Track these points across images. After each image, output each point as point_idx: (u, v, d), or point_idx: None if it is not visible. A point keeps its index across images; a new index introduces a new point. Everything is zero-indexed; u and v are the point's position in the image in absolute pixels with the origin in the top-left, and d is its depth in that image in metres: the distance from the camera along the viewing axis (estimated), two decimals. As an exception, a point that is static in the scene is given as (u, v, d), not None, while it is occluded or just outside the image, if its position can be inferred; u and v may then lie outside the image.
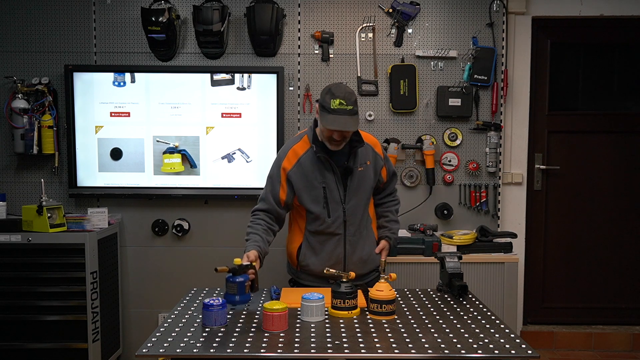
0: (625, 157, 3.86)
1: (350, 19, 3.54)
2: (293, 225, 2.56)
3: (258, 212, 2.46)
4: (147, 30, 3.34)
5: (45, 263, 3.19)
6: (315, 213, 2.40)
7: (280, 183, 2.41)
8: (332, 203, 2.39)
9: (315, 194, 2.38)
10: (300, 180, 2.38)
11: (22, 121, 3.36)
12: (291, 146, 2.44)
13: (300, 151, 2.41)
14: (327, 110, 2.22)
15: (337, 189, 2.39)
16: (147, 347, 1.77)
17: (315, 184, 2.37)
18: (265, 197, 2.46)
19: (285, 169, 2.40)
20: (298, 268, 2.54)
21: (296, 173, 2.38)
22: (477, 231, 3.44)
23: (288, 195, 2.42)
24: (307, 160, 2.38)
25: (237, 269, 2.17)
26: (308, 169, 2.38)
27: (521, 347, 1.79)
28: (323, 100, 2.25)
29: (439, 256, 2.50)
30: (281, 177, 2.40)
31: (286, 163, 2.40)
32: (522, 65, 3.66)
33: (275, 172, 2.43)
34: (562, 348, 3.83)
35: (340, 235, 2.44)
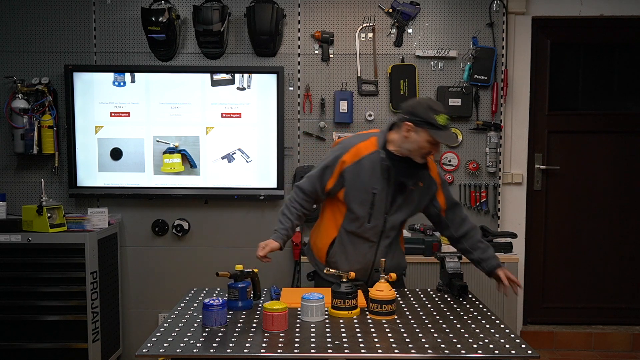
0: (625, 157, 3.86)
1: (350, 19, 3.54)
2: (327, 218, 2.50)
3: (299, 191, 2.43)
4: (147, 30, 3.34)
5: (45, 263, 3.18)
6: (356, 214, 2.37)
7: (332, 173, 2.37)
8: (376, 210, 2.36)
9: (364, 197, 2.35)
10: (354, 178, 2.35)
11: (22, 121, 3.36)
12: (356, 143, 2.39)
13: (365, 151, 2.36)
14: (436, 126, 2.21)
15: (385, 200, 2.37)
16: (147, 347, 1.77)
17: (367, 188, 2.34)
18: (313, 179, 2.41)
19: (344, 162, 2.36)
20: (324, 262, 2.49)
21: (353, 171, 2.35)
22: (477, 231, 3.44)
23: (335, 187, 2.38)
24: (368, 163, 2.35)
25: (238, 275, 2.18)
26: (366, 171, 2.34)
27: (521, 347, 1.79)
28: (426, 117, 2.22)
29: (439, 256, 2.50)
30: (336, 168, 2.36)
31: (347, 157, 2.36)
32: (522, 65, 3.66)
33: (332, 161, 2.38)
34: (562, 348, 3.83)
35: (374, 243, 2.42)
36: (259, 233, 3.59)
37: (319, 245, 2.51)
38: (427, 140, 2.23)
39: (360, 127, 3.56)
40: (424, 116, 2.22)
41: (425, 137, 2.23)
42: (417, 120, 2.23)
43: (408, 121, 2.25)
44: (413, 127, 2.24)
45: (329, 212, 2.49)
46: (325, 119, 3.56)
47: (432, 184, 2.45)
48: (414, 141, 2.26)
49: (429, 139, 2.23)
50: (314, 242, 2.55)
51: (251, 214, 3.60)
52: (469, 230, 2.48)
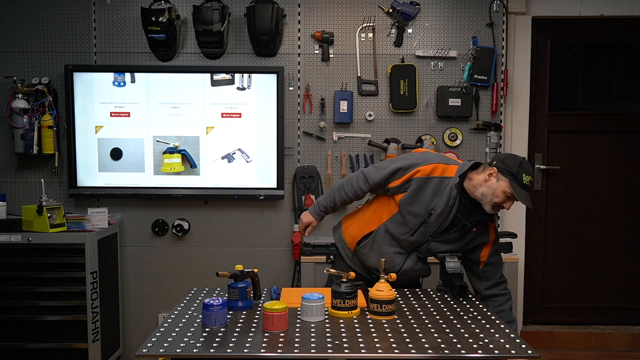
0: (625, 157, 3.87)
1: (350, 19, 3.54)
2: (373, 211, 2.50)
3: (363, 178, 2.43)
4: (147, 30, 3.34)
5: (45, 263, 3.18)
6: (406, 221, 2.37)
7: (402, 176, 2.36)
8: (424, 228, 2.37)
9: (421, 211, 2.35)
10: (420, 190, 2.34)
11: (22, 121, 3.36)
12: (437, 162, 2.38)
13: (442, 174, 2.36)
14: (519, 183, 2.25)
15: (438, 225, 2.37)
16: (147, 347, 1.77)
17: (427, 205, 2.34)
18: (383, 173, 2.40)
19: (418, 171, 2.35)
20: (353, 250, 2.51)
21: (422, 183, 2.34)
22: (477, 231, 3.43)
23: (397, 188, 2.38)
24: (437, 184, 2.34)
25: (238, 275, 2.18)
26: (431, 191, 2.34)
27: (521, 347, 1.79)
28: (514, 170, 2.26)
29: (439, 256, 2.50)
30: (408, 174, 2.35)
31: (423, 169, 2.35)
32: (522, 65, 3.66)
33: (408, 166, 2.37)
34: (562, 348, 3.83)
35: (405, 254, 2.45)
36: (259, 233, 3.59)
37: (354, 232, 2.53)
38: (504, 190, 2.27)
39: (360, 127, 3.56)
40: (512, 168, 2.26)
41: (505, 187, 2.26)
42: (504, 169, 2.27)
43: (495, 167, 2.28)
44: (496, 173, 2.28)
45: (376, 206, 2.51)
46: (325, 119, 3.56)
47: (485, 235, 2.45)
48: (491, 187, 2.29)
49: (506, 190, 2.26)
50: (350, 228, 2.57)
51: (251, 214, 3.61)
52: (499, 296, 2.46)
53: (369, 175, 2.43)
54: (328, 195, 2.52)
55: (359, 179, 2.45)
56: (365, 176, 2.44)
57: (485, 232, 2.45)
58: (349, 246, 2.55)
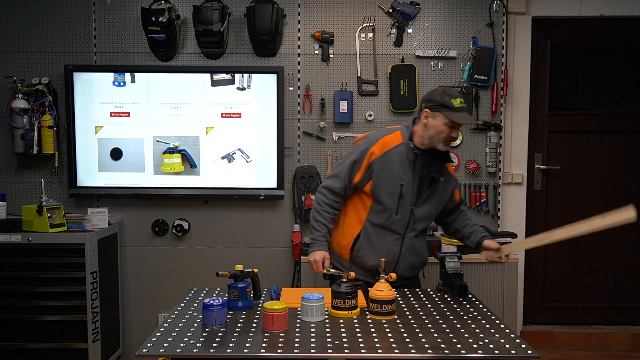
0: (625, 157, 3.86)
1: (350, 19, 3.54)
2: (350, 215, 2.51)
3: (329, 193, 2.45)
4: (147, 30, 3.34)
5: (45, 263, 3.18)
6: (385, 205, 2.40)
7: (361, 166, 2.41)
8: (403, 202, 2.41)
9: (392, 188, 2.40)
10: (382, 170, 2.39)
11: (22, 121, 3.36)
12: (383, 136, 2.45)
13: (391, 144, 2.43)
14: (452, 109, 2.32)
15: (412, 192, 2.42)
16: (147, 347, 1.77)
17: (396, 179, 2.40)
18: (342, 177, 2.44)
19: (373, 153, 2.40)
20: (348, 259, 2.50)
21: (381, 162, 2.40)
22: (477, 231, 3.43)
23: (362, 180, 2.42)
24: (395, 155, 2.41)
25: (238, 275, 2.18)
26: (394, 163, 2.40)
27: (521, 347, 1.79)
28: (442, 101, 2.33)
29: (439, 256, 2.50)
30: (364, 161, 2.41)
31: (375, 149, 2.41)
32: (522, 65, 3.66)
33: (360, 154, 2.42)
34: (562, 348, 3.83)
35: (400, 235, 2.45)
36: (259, 233, 3.59)
37: (342, 243, 2.51)
38: (444, 123, 2.33)
39: (360, 127, 3.56)
40: (439, 100, 2.34)
41: (442, 120, 2.33)
42: (433, 105, 2.35)
43: (425, 108, 2.36)
44: (430, 112, 2.36)
45: (351, 209, 2.51)
46: (325, 119, 3.56)
47: (451, 178, 2.56)
48: (432, 127, 2.35)
49: (446, 122, 2.33)
50: (336, 240, 2.55)
51: (251, 214, 3.61)
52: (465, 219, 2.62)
53: (332, 187, 2.45)
54: (315, 225, 2.47)
55: (325, 195, 2.46)
56: (329, 189, 2.46)
57: (450, 176, 2.55)
58: (343, 257, 2.52)
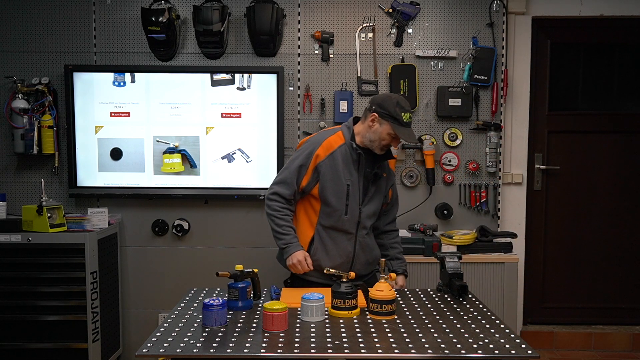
0: (625, 157, 3.86)
1: (350, 19, 3.54)
2: (301, 219, 2.53)
3: (280, 199, 2.45)
4: (147, 30, 3.34)
5: (45, 263, 3.18)
6: (333, 207, 2.43)
7: (307, 170, 2.43)
8: (351, 201, 2.44)
9: (339, 189, 2.42)
10: (329, 172, 2.42)
11: (22, 121, 3.36)
12: (326, 137, 2.47)
13: (335, 145, 2.45)
14: (399, 123, 2.37)
15: (359, 191, 2.46)
16: (147, 347, 1.77)
17: (342, 180, 2.42)
18: (289, 182, 2.45)
19: (318, 156, 2.42)
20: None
21: (327, 164, 2.42)
22: (477, 231, 3.44)
23: (309, 184, 2.44)
24: (339, 156, 2.43)
25: (238, 275, 2.18)
26: (338, 164, 2.42)
27: (521, 347, 1.79)
28: (394, 112, 2.36)
29: (439, 256, 2.51)
30: (310, 164, 2.42)
31: (320, 151, 2.43)
32: (522, 65, 3.66)
33: (305, 158, 2.44)
34: (562, 348, 3.83)
35: (352, 234, 2.48)
36: (258, 233, 3.59)
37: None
38: (388, 132, 2.38)
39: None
40: (391, 111, 2.37)
41: (388, 129, 2.38)
42: (383, 112, 2.38)
43: (374, 112, 2.39)
44: (378, 118, 2.40)
45: (302, 213, 2.53)
46: (325, 119, 3.56)
47: (392, 175, 2.62)
48: (376, 132, 2.40)
49: (390, 132, 2.38)
50: None
51: (251, 214, 3.61)
52: (394, 231, 2.70)
53: (282, 193, 2.45)
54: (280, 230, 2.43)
55: (278, 201, 2.44)
56: (280, 195, 2.45)
57: (390, 171, 2.60)
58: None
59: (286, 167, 2.50)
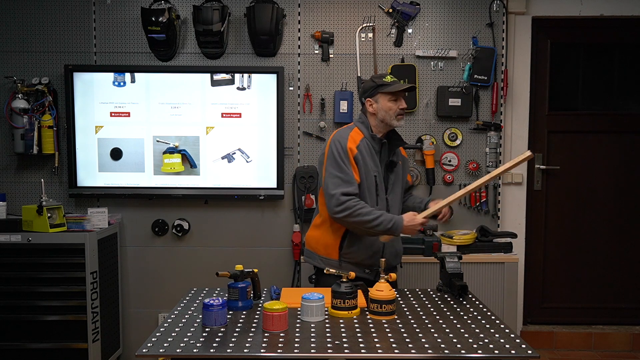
0: (625, 157, 3.86)
1: (350, 19, 3.54)
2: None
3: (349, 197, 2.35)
4: (147, 30, 3.34)
5: (45, 263, 3.18)
6: (366, 199, 2.43)
7: (352, 165, 2.41)
8: (380, 192, 2.48)
9: (370, 181, 2.45)
10: (362, 164, 2.44)
11: (22, 121, 3.36)
12: (349, 132, 2.49)
13: (357, 138, 2.47)
14: (386, 85, 2.45)
15: (383, 180, 2.50)
16: (147, 347, 1.77)
17: (371, 172, 2.45)
18: (348, 179, 2.38)
19: (351, 149, 2.42)
20: (338, 257, 2.48)
21: (360, 156, 2.44)
22: (477, 231, 3.44)
23: (360, 177, 2.42)
24: (363, 148, 2.46)
25: (238, 275, 2.18)
26: (365, 156, 2.45)
27: (521, 347, 1.79)
28: (375, 85, 2.45)
29: (439, 256, 2.50)
30: (350, 159, 2.41)
31: (351, 144, 2.43)
32: (522, 65, 3.66)
33: (344, 155, 2.40)
34: (562, 348, 3.83)
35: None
36: (259, 233, 3.59)
37: (329, 242, 2.50)
38: (388, 99, 2.44)
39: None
40: (372, 85, 2.47)
41: (385, 98, 2.45)
42: (370, 92, 2.47)
43: (367, 99, 2.50)
44: (371, 99, 2.48)
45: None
46: (325, 119, 3.56)
47: (405, 161, 2.68)
48: (380, 109, 2.46)
49: (389, 97, 2.45)
50: (322, 241, 2.52)
51: (251, 214, 3.60)
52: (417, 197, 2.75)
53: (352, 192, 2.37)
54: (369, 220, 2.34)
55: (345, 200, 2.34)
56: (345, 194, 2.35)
57: (404, 159, 2.67)
58: (331, 257, 2.50)
59: (332, 172, 2.40)
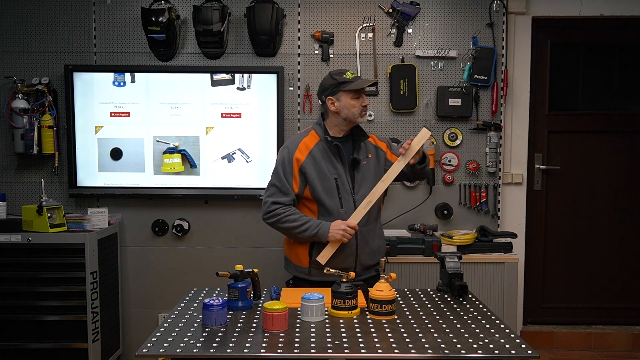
0: (625, 157, 3.86)
1: (350, 19, 3.54)
2: None
3: (278, 205, 2.43)
4: (147, 30, 3.34)
5: (45, 263, 3.18)
6: (328, 204, 2.43)
7: (292, 175, 2.44)
8: (343, 194, 2.45)
9: (328, 185, 2.44)
10: (313, 170, 2.43)
11: (22, 121, 3.36)
12: (300, 139, 2.50)
13: (311, 144, 2.48)
14: (347, 82, 2.42)
15: (347, 180, 2.47)
16: (147, 347, 1.77)
17: (328, 175, 2.44)
18: (283, 189, 2.44)
19: (298, 159, 2.44)
20: (308, 265, 2.51)
21: (309, 164, 2.44)
22: (477, 231, 3.44)
23: (300, 188, 2.45)
24: (318, 152, 2.46)
25: (238, 275, 2.18)
26: (320, 160, 2.44)
27: (521, 347, 1.79)
28: (337, 83, 2.42)
29: (439, 256, 2.50)
30: (294, 169, 2.44)
31: (299, 154, 2.45)
32: (522, 65, 3.66)
33: (287, 164, 2.45)
34: (562, 348, 3.83)
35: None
36: (259, 233, 3.59)
37: (298, 250, 2.54)
38: (351, 97, 2.41)
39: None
40: (332, 82, 2.43)
41: (346, 96, 2.42)
42: (330, 90, 2.44)
43: (327, 97, 2.43)
44: (333, 97, 2.45)
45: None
46: (325, 119, 3.56)
47: (379, 150, 2.60)
48: (343, 107, 2.44)
49: (351, 95, 2.42)
50: (292, 249, 2.57)
51: (251, 214, 3.60)
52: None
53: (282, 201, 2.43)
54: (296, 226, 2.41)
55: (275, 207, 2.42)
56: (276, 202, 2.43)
57: (376, 147, 2.59)
58: (302, 265, 2.53)
59: (272, 180, 2.49)
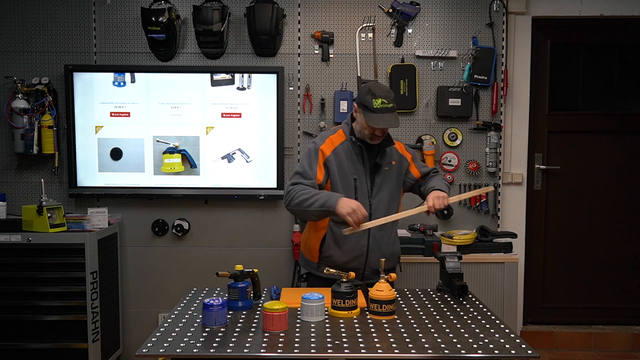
0: (625, 157, 3.86)
1: (350, 19, 3.54)
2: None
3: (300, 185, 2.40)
4: (147, 30, 3.34)
5: (45, 263, 3.18)
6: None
7: (318, 164, 2.44)
8: (360, 195, 2.45)
9: (347, 184, 2.44)
10: (335, 167, 2.44)
11: (22, 121, 3.36)
12: (328, 136, 2.51)
13: (337, 142, 2.48)
14: (369, 109, 2.33)
15: (366, 183, 2.47)
16: (147, 347, 1.77)
17: (348, 175, 2.45)
18: (305, 174, 2.42)
19: (324, 152, 2.45)
20: (318, 260, 2.51)
21: (332, 160, 2.44)
22: (477, 231, 3.44)
23: (324, 177, 2.45)
24: (342, 151, 2.46)
25: (238, 275, 2.18)
26: (342, 159, 2.45)
27: (521, 347, 1.79)
28: (364, 100, 2.35)
29: (439, 256, 2.50)
30: (319, 160, 2.44)
31: (324, 148, 2.45)
32: (522, 65, 3.66)
33: (313, 155, 2.46)
34: (562, 348, 3.83)
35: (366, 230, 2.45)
36: (259, 233, 3.60)
37: (310, 244, 2.55)
38: (365, 121, 2.37)
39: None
40: (362, 99, 2.37)
41: (363, 118, 2.37)
42: (359, 102, 2.39)
43: (355, 102, 2.42)
44: (357, 108, 2.42)
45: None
46: (325, 119, 3.56)
47: (403, 159, 2.58)
48: (359, 122, 2.42)
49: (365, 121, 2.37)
50: (306, 244, 2.60)
51: (251, 214, 3.60)
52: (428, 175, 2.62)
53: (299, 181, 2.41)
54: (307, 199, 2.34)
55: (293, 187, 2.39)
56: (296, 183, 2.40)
57: (401, 156, 2.57)
58: (312, 259, 2.54)
59: (296, 169, 2.49)
